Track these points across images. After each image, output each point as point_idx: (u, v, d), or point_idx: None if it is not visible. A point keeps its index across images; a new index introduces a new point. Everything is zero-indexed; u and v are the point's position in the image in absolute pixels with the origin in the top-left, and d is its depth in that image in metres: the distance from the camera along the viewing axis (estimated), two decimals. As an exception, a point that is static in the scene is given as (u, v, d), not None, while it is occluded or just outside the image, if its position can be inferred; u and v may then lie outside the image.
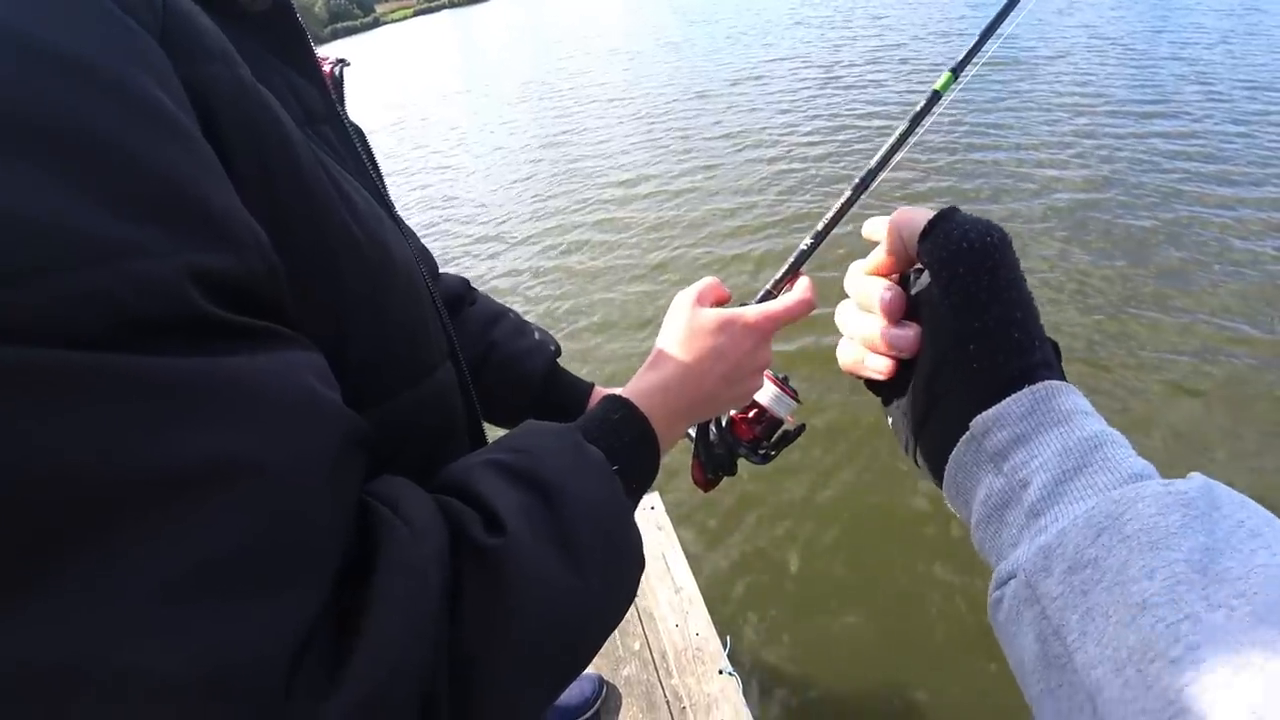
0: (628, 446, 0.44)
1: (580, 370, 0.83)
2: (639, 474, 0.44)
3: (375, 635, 0.27)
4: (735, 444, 0.61)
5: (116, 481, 0.21)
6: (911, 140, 0.56)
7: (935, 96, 0.57)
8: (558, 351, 0.79)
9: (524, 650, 0.33)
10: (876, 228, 0.40)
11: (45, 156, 0.22)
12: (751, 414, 0.61)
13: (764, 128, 6.67)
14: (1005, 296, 0.34)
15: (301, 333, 0.31)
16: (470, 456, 0.40)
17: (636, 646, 1.69)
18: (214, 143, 0.29)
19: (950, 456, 0.35)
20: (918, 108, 0.56)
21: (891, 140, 0.55)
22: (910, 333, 0.37)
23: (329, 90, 0.44)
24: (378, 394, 0.40)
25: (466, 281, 0.79)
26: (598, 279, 4.48)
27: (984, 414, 0.33)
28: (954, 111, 6.04)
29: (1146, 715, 0.22)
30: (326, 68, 0.52)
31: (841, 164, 5.40)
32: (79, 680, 0.21)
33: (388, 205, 0.49)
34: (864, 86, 7.52)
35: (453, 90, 13.39)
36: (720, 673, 1.59)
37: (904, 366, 0.38)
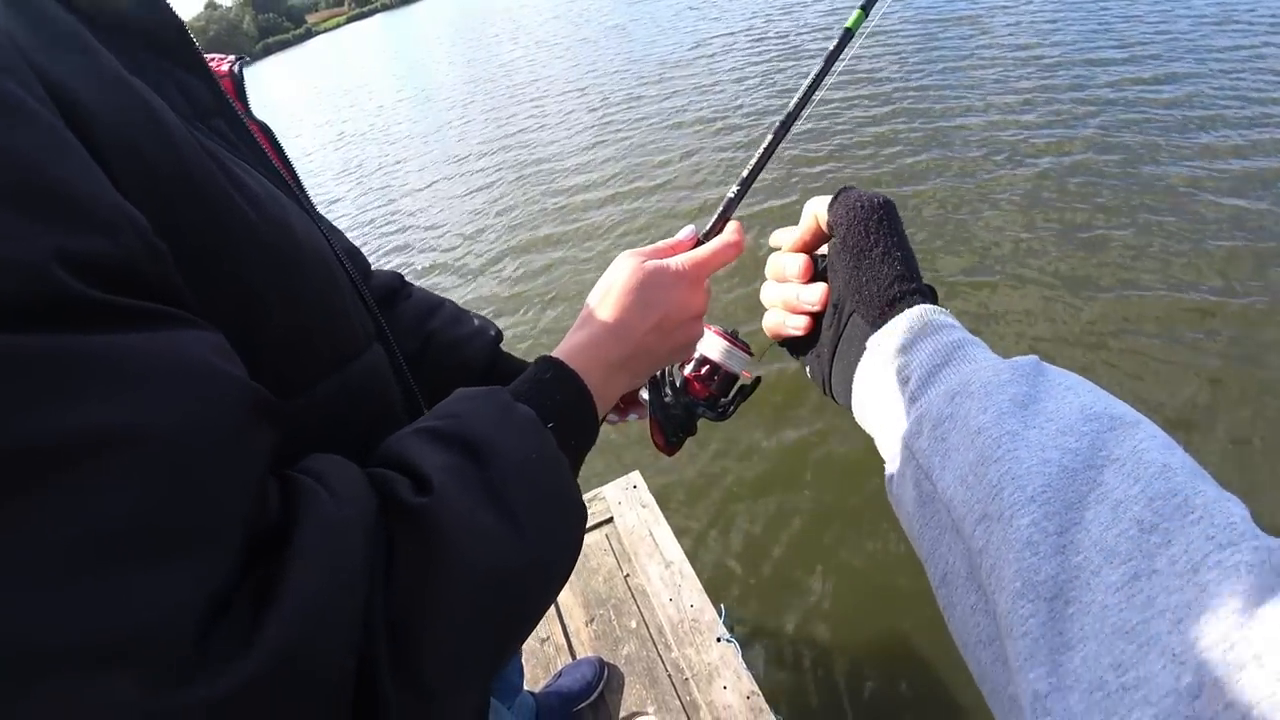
0: (560, 404, 0.44)
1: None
2: (575, 430, 0.45)
3: (292, 594, 0.27)
4: (692, 403, 0.61)
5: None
6: (828, 80, 0.56)
7: (848, 35, 0.57)
8: (499, 337, 0.79)
9: (462, 604, 0.33)
10: (781, 236, 0.52)
11: None
12: (704, 371, 0.61)
13: (720, 106, 6.67)
14: (889, 240, 0.44)
15: (211, 317, 0.32)
16: (404, 429, 0.40)
17: (633, 625, 1.70)
18: (81, 132, 0.29)
19: (855, 375, 0.43)
20: (831, 47, 0.56)
21: (807, 82, 0.55)
22: (818, 289, 0.47)
23: (218, 86, 0.45)
24: (303, 378, 0.40)
25: (400, 276, 0.79)
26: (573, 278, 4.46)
27: (877, 333, 0.42)
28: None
29: (978, 504, 0.29)
30: (225, 67, 0.54)
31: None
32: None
33: (299, 197, 0.49)
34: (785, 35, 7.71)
35: (392, 100, 12.96)
36: (718, 640, 1.61)
37: (815, 324, 0.49)
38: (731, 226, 0.55)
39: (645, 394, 0.62)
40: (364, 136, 10.67)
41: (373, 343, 0.49)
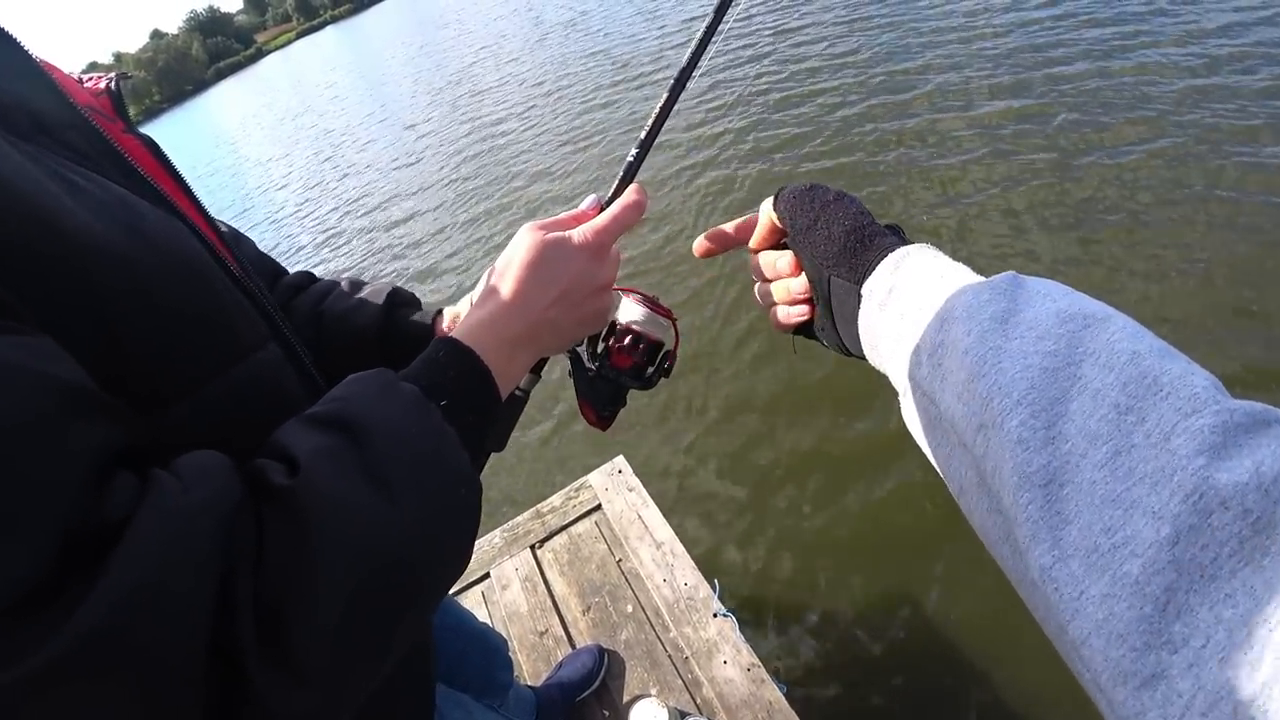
0: (454, 380, 0.44)
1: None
2: (471, 406, 0.44)
3: (110, 578, 0.27)
4: (617, 375, 0.60)
5: None
6: (719, 33, 0.54)
7: (733, -14, 0.55)
8: (396, 296, 0.75)
9: (335, 579, 0.33)
10: (703, 242, 0.57)
11: None
12: (627, 341, 0.59)
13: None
14: (828, 207, 0.49)
15: (50, 324, 0.33)
16: (288, 423, 0.40)
17: (630, 609, 1.70)
18: None
19: (859, 325, 0.45)
20: (715, 3, 0.54)
21: (698, 36, 0.54)
22: (803, 278, 0.51)
23: (69, 100, 0.45)
24: (182, 381, 0.41)
25: (309, 274, 0.77)
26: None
27: (866, 281, 0.44)
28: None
29: (974, 417, 0.31)
30: (102, 84, 0.54)
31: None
32: None
33: (173, 205, 0.48)
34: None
35: (353, 121, 12.43)
36: (715, 616, 1.61)
37: (814, 307, 0.52)
38: (630, 189, 0.53)
39: (570, 371, 0.61)
40: (320, 147, 10.54)
41: (267, 342, 0.49)
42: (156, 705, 0.28)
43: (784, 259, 0.52)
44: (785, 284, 0.52)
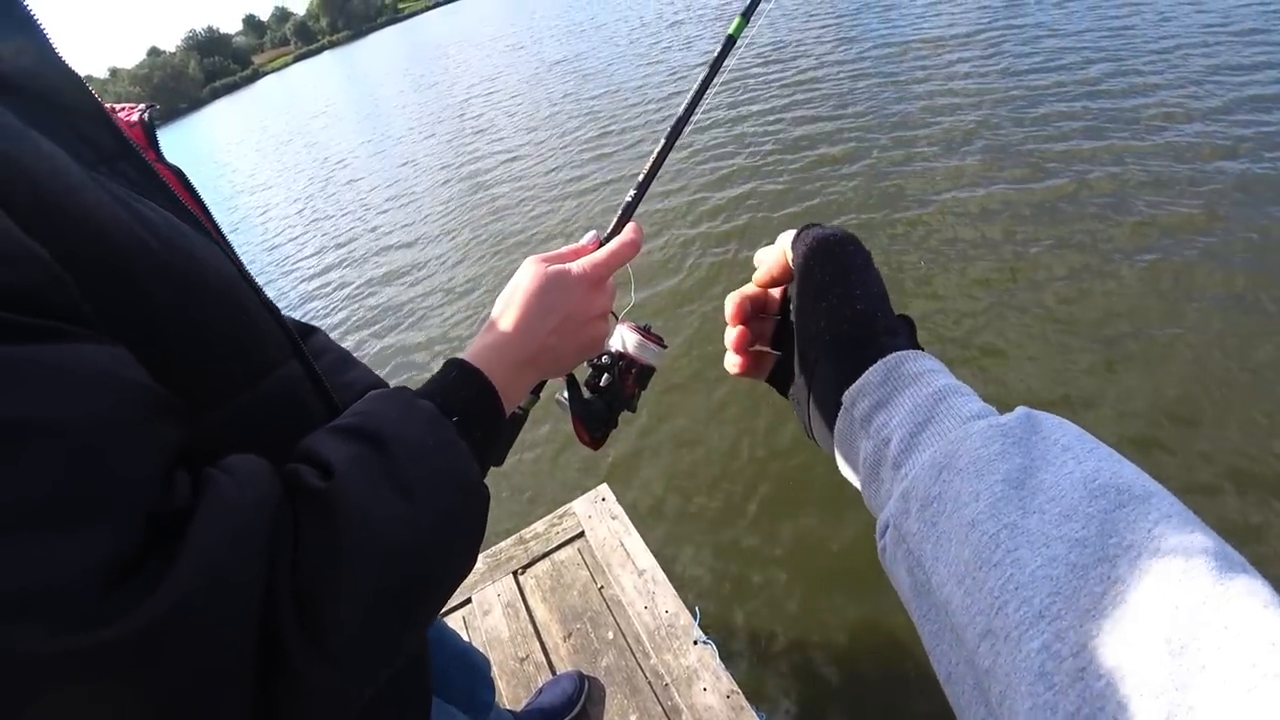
0: (465, 400, 0.48)
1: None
2: (480, 422, 0.49)
3: (188, 557, 0.31)
4: (611, 398, 0.63)
5: None
6: (714, 86, 0.60)
7: (730, 41, 0.61)
8: (378, 385, 0.77)
9: (365, 575, 0.37)
10: (762, 256, 0.47)
11: None
12: (621, 366, 0.63)
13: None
14: (848, 279, 0.40)
15: (118, 334, 0.36)
16: (315, 433, 0.44)
17: (610, 636, 1.71)
18: None
19: (833, 431, 0.39)
20: (715, 54, 0.60)
21: (694, 88, 0.59)
22: (734, 332, 0.45)
23: (122, 134, 0.48)
24: (219, 390, 0.45)
25: (306, 326, 0.81)
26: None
27: (850, 387, 0.37)
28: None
29: (980, 618, 0.25)
30: (134, 116, 0.58)
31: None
32: None
33: (209, 231, 0.52)
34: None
35: (347, 148, 12.41)
36: (695, 643, 1.62)
37: (785, 362, 0.46)
38: (629, 227, 0.58)
39: (565, 395, 0.64)
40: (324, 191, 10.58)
41: (289, 359, 0.53)
42: (213, 673, 0.31)
43: (730, 304, 0.46)
44: (728, 332, 0.46)
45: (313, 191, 9.18)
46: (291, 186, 10.23)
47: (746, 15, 0.62)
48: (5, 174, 0.35)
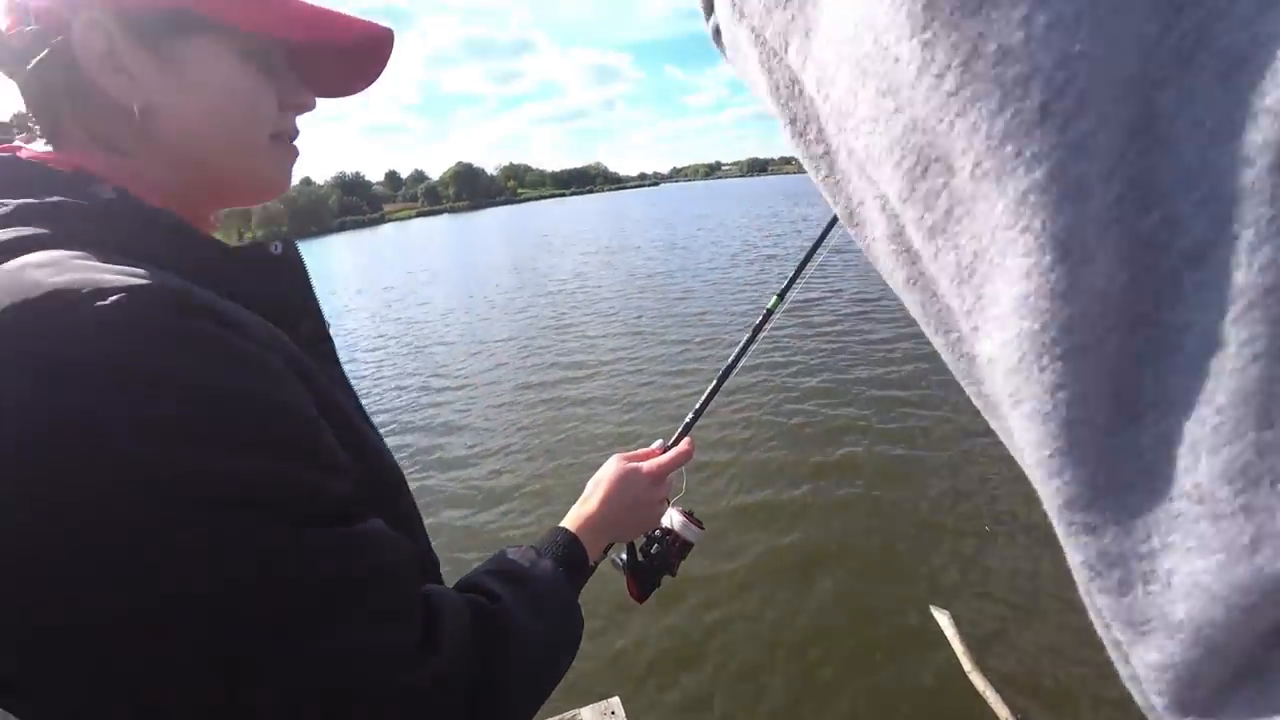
0: (566, 555, 0.68)
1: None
2: (575, 570, 0.68)
3: (446, 650, 0.46)
4: (661, 564, 0.83)
5: (325, 581, 0.39)
6: (753, 347, 0.86)
7: (768, 314, 0.88)
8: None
9: (523, 670, 0.52)
10: None
11: (254, 433, 0.38)
12: (669, 540, 0.83)
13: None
14: None
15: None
16: (471, 573, 0.61)
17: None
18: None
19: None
20: (756, 321, 0.87)
21: (739, 346, 0.85)
22: None
23: (320, 315, 0.56)
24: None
25: None
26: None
27: None
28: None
29: None
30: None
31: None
32: (356, 692, 0.40)
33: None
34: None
35: (438, 310, 12.12)
36: None
37: None
38: (685, 441, 0.82)
39: (621, 558, 0.83)
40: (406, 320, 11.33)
41: (402, 484, 0.65)
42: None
43: None
44: None
45: (396, 351, 9.21)
46: (380, 332, 10.64)
47: (782, 295, 0.89)
48: (312, 393, 0.44)
